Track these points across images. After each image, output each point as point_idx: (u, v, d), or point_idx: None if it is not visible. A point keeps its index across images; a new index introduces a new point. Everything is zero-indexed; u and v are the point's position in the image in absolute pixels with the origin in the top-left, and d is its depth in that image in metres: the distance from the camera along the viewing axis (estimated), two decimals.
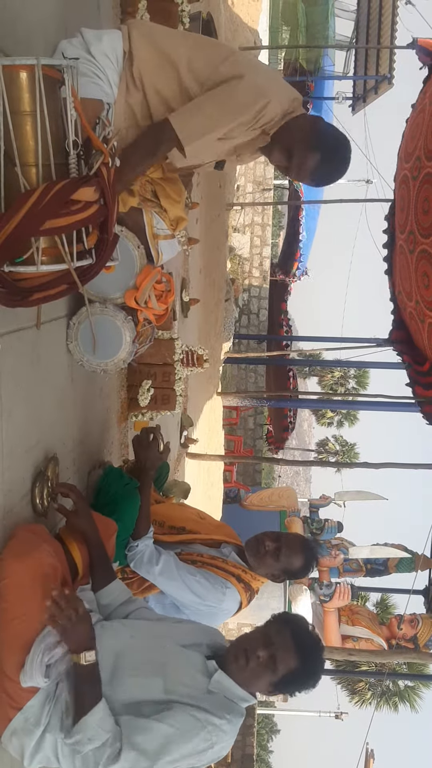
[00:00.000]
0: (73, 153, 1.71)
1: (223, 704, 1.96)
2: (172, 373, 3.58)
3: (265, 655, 2.01)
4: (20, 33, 2.01)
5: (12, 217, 1.60)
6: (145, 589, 2.65)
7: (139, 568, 2.60)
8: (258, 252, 15.82)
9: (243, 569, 2.68)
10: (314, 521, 10.03)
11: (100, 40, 2.16)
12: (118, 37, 2.19)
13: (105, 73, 2.14)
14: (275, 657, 2.01)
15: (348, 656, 8.67)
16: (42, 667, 1.83)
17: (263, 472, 20.13)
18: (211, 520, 3.03)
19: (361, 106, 13.57)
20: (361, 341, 11.73)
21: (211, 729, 1.88)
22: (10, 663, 1.86)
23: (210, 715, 1.90)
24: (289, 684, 2.07)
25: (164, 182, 2.50)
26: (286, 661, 2.01)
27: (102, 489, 2.67)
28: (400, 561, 9.30)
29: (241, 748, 14.11)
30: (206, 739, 1.88)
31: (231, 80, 2.16)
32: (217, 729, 1.90)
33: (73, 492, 2.25)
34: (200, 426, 8.24)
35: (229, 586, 2.60)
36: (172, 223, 2.61)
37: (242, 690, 2.02)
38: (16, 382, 2.05)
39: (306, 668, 2.06)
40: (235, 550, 2.77)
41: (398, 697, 16.09)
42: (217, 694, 1.97)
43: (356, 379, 25.96)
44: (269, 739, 36.47)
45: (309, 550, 2.72)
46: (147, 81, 2.18)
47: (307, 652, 2.06)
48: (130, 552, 2.61)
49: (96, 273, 1.88)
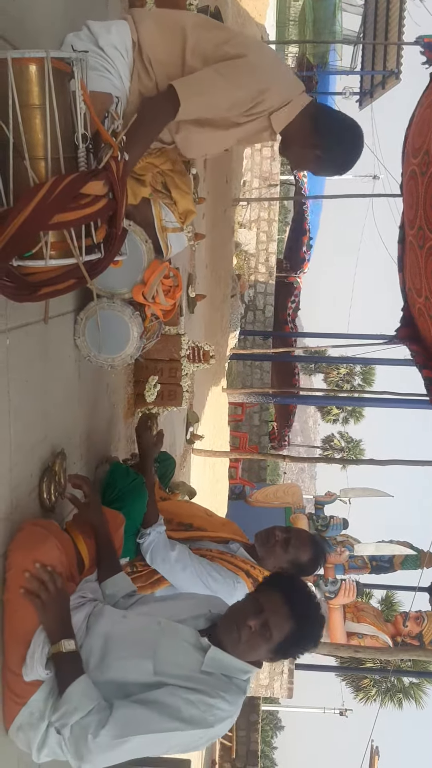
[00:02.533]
0: (82, 146, 1.70)
1: (218, 683, 1.88)
2: (178, 369, 3.58)
3: (257, 623, 1.90)
4: (28, 26, 2.00)
5: (21, 211, 1.59)
6: (152, 583, 2.65)
7: (155, 555, 2.59)
8: (264, 248, 15.78)
9: (251, 565, 2.68)
10: (319, 518, 10.01)
11: (109, 32, 2.14)
12: (125, 28, 2.17)
13: (115, 66, 2.12)
14: (268, 624, 1.89)
15: (354, 653, 8.66)
16: (43, 658, 1.83)
17: (268, 468, 20.13)
18: (218, 517, 3.03)
19: (368, 102, 13.54)
20: (367, 338, 11.71)
21: (205, 709, 1.81)
22: (14, 657, 1.86)
23: (203, 695, 1.83)
24: (288, 648, 1.97)
25: (174, 174, 2.49)
26: (280, 626, 1.90)
27: (109, 485, 2.67)
28: (405, 558, 9.28)
29: (246, 744, 14.14)
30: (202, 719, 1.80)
31: (234, 58, 2.14)
32: (212, 708, 1.82)
33: (86, 484, 2.25)
34: (206, 422, 8.24)
35: (240, 580, 2.60)
36: (181, 215, 2.60)
37: (240, 662, 1.91)
38: (24, 377, 2.05)
39: (303, 629, 1.95)
40: (243, 546, 2.77)
41: (403, 694, 16.12)
42: (212, 674, 1.89)
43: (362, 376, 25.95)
44: (273, 736, 36.57)
45: (317, 545, 2.73)
46: (157, 67, 2.17)
47: (301, 613, 1.94)
48: (143, 540, 2.61)
49: (104, 268, 1.87)
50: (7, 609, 1.87)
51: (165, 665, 1.87)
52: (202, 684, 1.85)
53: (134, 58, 2.15)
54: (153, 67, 2.17)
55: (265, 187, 15.61)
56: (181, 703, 1.80)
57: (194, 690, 1.83)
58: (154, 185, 2.46)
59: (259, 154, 15.56)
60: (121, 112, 2.07)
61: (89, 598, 2.08)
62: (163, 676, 1.84)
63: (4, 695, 1.88)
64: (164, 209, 2.55)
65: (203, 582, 2.55)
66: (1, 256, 1.63)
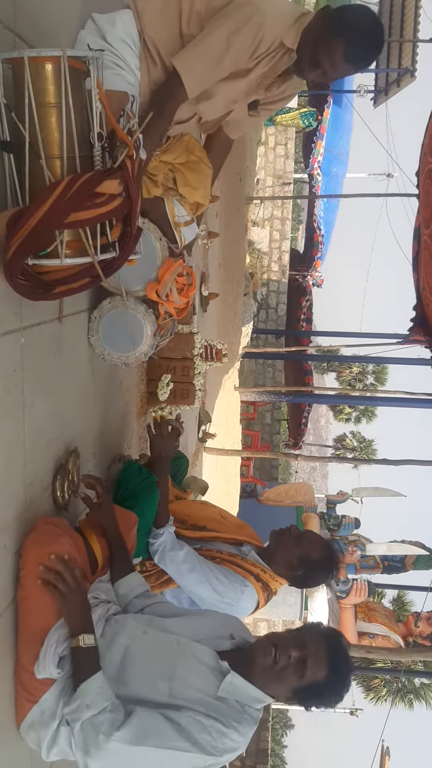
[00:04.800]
0: (98, 145, 1.70)
1: (231, 712, 1.86)
2: (191, 368, 3.58)
3: (297, 656, 1.90)
4: (44, 25, 2.01)
5: (37, 209, 1.60)
6: (162, 583, 2.65)
7: (164, 556, 2.59)
8: (277, 246, 15.75)
9: (262, 568, 2.67)
10: (331, 517, 9.97)
11: (114, 26, 2.13)
12: (130, 19, 2.16)
13: (125, 60, 2.12)
14: (306, 662, 1.90)
15: (366, 654, 8.63)
16: (55, 657, 1.83)
17: (280, 467, 20.10)
18: (232, 519, 3.02)
19: (383, 100, 13.47)
20: (381, 337, 11.66)
21: (217, 736, 1.79)
22: (27, 655, 1.87)
23: (216, 722, 1.81)
24: (310, 695, 1.97)
25: (186, 169, 2.49)
26: (315, 669, 1.90)
27: (122, 483, 2.67)
28: (417, 558, 9.23)
29: (256, 743, 14.13)
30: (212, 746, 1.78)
31: (224, 7, 2.13)
32: (224, 737, 1.80)
33: (99, 484, 2.25)
34: (218, 421, 8.24)
35: (248, 584, 2.58)
36: (191, 207, 2.59)
37: (258, 691, 1.90)
38: (38, 375, 2.05)
39: (332, 684, 1.95)
40: (255, 550, 2.76)
41: (414, 695, 16.05)
42: (227, 700, 1.87)
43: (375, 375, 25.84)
44: (283, 734, 36.53)
45: (330, 547, 2.73)
46: (161, 47, 2.17)
47: (338, 669, 1.95)
48: (154, 539, 2.61)
49: (119, 266, 1.87)
50: (22, 607, 1.88)
51: (180, 688, 1.85)
52: (215, 711, 1.83)
53: (142, 47, 2.16)
54: (159, 50, 2.16)
55: (279, 185, 15.59)
56: (194, 725, 1.78)
57: (208, 716, 1.82)
58: (166, 183, 2.47)
59: (273, 153, 15.54)
60: (136, 110, 2.07)
61: (102, 599, 2.08)
62: (178, 699, 1.83)
63: (17, 692, 1.89)
64: (176, 205, 2.55)
65: (210, 585, 2.54)
66: (17, 255, 1.64)
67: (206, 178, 2.59)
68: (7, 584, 1.86)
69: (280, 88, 2.41)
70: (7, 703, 1.88)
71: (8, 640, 1.87)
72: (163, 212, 2.52)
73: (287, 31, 2.17)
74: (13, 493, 1.91)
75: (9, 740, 1.90)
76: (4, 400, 1.82)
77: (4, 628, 1.85)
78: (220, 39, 2.10)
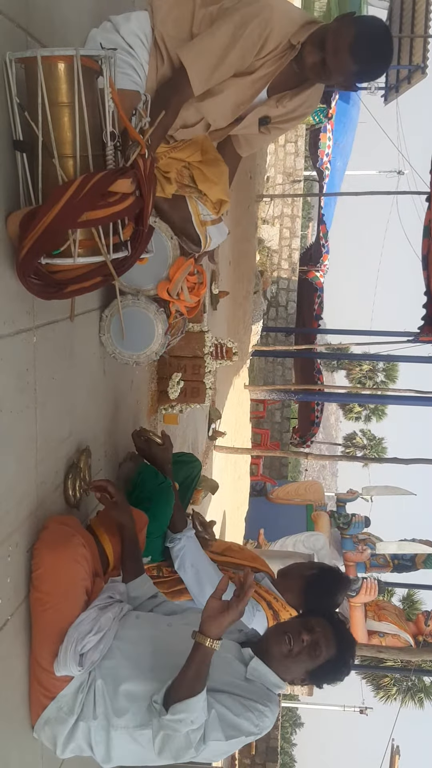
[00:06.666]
0: (111, 144, 1.70)
1: (262, 692, 1.97)
2: (201, 366, 3.58)
3: (309, 639, 2.02)
4: (56, 24, 2.01)
5: (50, 209, 1.60)
6: (173, 593, 2.63)
7: (185, 560, 2.59)
8: (287, 244, 15.71)
9: (275, 596, 2.66)
10: (341, 515, 9.96)
11: (128, 21, 2.18)
12: (145, 17, 2.20)
13: (136, 54, 2.14)
14: (318, 643, 2.02)
15: (377, 653, 8.61)
16: (76, 655, 1.84)
17: (290, 465, 20.08)
18: (248, 551, 3.08)
19: (394, 96, 13.39)
20: (391, 335, 11.61)
21: (258, 714, 1.89)
22: (44, 653, 1.87)
23: (254, 702, 1.91)
24: (324, 673, 2.07)
25: (202, 165, 2.47)
26: (327, 648, 2.03)
27: (137, 486, 2.66)
28: (427, 557, 9.21)
29: (266, 741, 14.12)
30: (255, 725, 1.88)
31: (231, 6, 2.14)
32: (262, 715, 1.90)
33: (110, 485, 2.24)
34: (228, 418, 8.23)
35: (259, 608, 2.58)
36: (214, 205, 2.57)
37: (276, 676, 2.01)
38: (50, 374, 2.06)
39: (342, 658, 2.07)
40: (269, 578, 2.77)
41: (424, 693, 16.01)
42: (254, 683, 1.98)
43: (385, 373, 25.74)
44: (293, 732, 36.55)
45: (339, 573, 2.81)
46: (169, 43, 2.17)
47: (344, 642, 2.08)
48: (173, 545, 2.61)
49: (131, 265, 1.88)
50: (36, 607, 1.88)
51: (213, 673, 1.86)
52: (247, 692, 1.94)
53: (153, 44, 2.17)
54: (168, 48, 2.17)
55: (289, 183, 15.55)
56: (240, 707, 1.88)
57: (245, 697, 1.91)
58: (180, 180, 2.45)
59: (283, 150, 15.50)
60: (147, 109, 2.07)
61: (116, 599, 2.09)
62: (214, 683, 1.87)
63: (32, 690, 1.90)
64: (199, 204, 2.53)
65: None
66: (30, 254, 1.64)
67: (224, 175, 2.56)
68: (19, 582, 1.86)
69: (292, 101, 2.36)
70: (19, 700, 1.88)
71: (20, 639, 1.88)
72: (186, 212, 2.50)
73: (295, 30, 2.16)
74: (24, 492, 1.92)
75: (21, 737, 1.90)
76: (16, 399, 1.83)
77: (16, 626, 1.86)
78: (227, 33, 2.10)
